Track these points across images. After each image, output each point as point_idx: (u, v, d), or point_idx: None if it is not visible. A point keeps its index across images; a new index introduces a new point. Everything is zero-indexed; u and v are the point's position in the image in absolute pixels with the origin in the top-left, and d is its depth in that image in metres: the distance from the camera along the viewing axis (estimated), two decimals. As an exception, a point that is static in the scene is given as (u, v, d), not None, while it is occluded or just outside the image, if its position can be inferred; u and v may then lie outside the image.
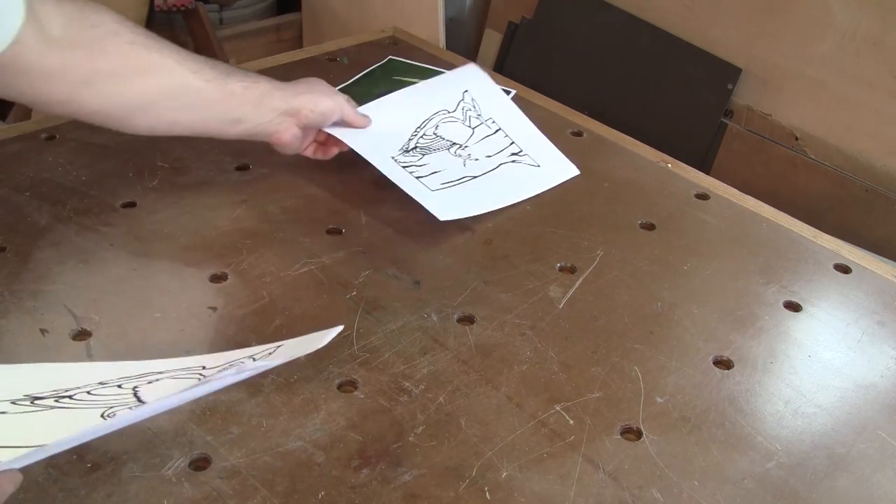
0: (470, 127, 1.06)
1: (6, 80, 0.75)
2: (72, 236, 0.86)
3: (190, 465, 0.64)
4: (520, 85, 1.24)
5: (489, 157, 1.03)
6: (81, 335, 0.75)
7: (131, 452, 0.65)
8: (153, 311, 0.78)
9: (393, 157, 0.98)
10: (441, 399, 0.71)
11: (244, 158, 1.01)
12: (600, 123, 1.16)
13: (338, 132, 0.97)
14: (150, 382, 0.66)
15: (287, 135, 0.90)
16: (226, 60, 1.97)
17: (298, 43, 2.22)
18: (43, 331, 0.75)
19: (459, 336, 0.78)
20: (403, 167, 0.97)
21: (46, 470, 0.63)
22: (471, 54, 1.96)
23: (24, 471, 0.62)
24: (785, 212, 1.00)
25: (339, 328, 0.66)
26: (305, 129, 0.93)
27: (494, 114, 1.09)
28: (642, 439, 0.69)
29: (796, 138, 1.48)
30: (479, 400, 0.72)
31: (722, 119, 1.56)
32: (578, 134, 1.13)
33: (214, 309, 0.79)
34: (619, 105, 1.67)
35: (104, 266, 0.83)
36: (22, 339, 0.74)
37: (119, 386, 0.65)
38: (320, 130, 0.96)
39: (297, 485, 0.63)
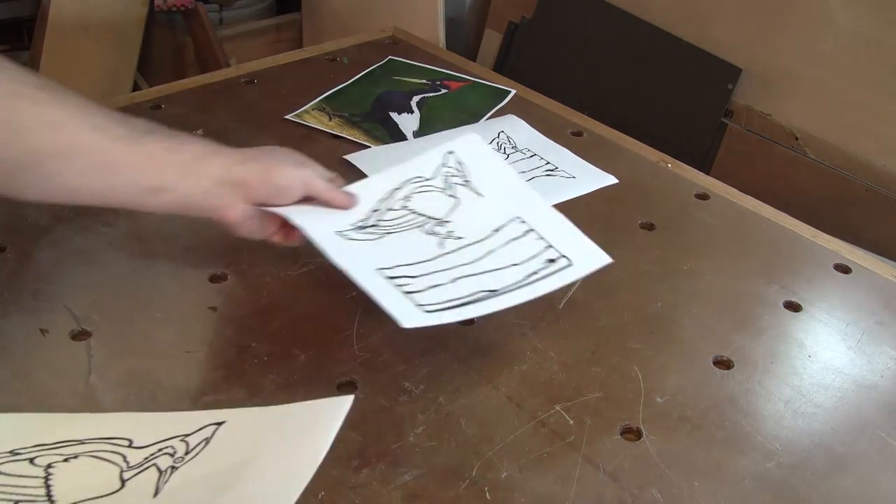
0: (504, 153, 1.01)
1: None
2: (72, 236, 0.86)
3: (190, 465, 0.64)
4: (520, 85, 1.24)
5: (522, 172, 0.95)
6: (81, 335, 0.75)
7: (131, 452, 0.64)
8: (153, 311, 0.78)
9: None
10: (441, 399, 0.71)
11: (244, 158, 1.01)
12: (600, 123, 1.16)
13: (367, 169, 0.89)
14: (66, 460, 0.59)
15: (234, 212, 0.71)
16: (226, 60, 1.97)
17: (298, 43, 2.22)
18: (43, 331, 0.75)
19: (459, 336, 0.78)
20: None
21: (46, 470, 0.63)
22: (471, 54, 1.96)
23: (24, 471, 0.62)
24: (785, 212, 1.00)
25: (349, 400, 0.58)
26: (262, 205, 0.73)
27: (530, 145, 1.05)
28: (642, 439, 0.69)
29: (796, 138, 1.47)
30: (479, 400, 0.72)
31: (722, 119, 1.56)
32: (578, 134, 1.13)
33: (214, 309, 0.79)
34: (619, 105, 1.66)
35: (104, 266, 0.83)
36: (22, 339, 0.74)
37: (31, 461, 0.59)
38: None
39: (297, 485, 0.63)
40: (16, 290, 0.79)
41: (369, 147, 1.06)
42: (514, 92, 1.21)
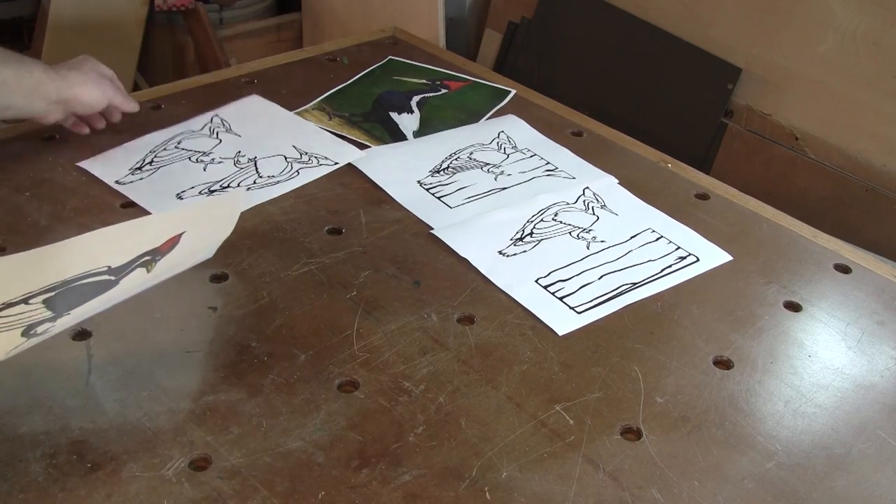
0: (504, 153, 1.07)
1: None
2: (71, 236, 0.86)
3: (190, 465, 0.64)
4: (520, 85, 1.24)
5: (522, 172, 1.03)
6: (81, 335, 0.75)
7: (131, 452, 0.65)
8: (153, 311, 0.78)
9: (419, 181, 0.99)
10: (441, 399, 0.71)
11: (244, 158, 1.01)
12: (600, 123, 1.16)
13: (366, 169, 1.00)
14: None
15: (51, 119, 0.96)
16: (226, 60, 1.97)
17: (298, 43, 2.22)
18: (43, 331, 0.75)
19: (459, 336, 0.78)
20: (427, 189, 0.98)
21: (46, 470, 0.63)
22: (471, 54, 1.96)
23: (24, 470, 0.62)
24: (785, 212, 1.00)
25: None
26: (75, 113, 0.99)
27: (530, 145, 1.09)
28: (642, 439, 0.69)
29: (796, 138, 1.48)
30: (479, 400, 0.72)
31: (722, 119, 1.56)
32: (578, 134, 1.13)
33: (214, 309, 0.79)
34: (619, 105, 1.66)
35: (104, 266, 0.83)
36: (22, 339, 0.74)
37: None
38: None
39: (297, 485, 0.63)
40: (16, 290, 0.79)
41: (369, 147, 1.06)
42: (514, 92, 1.21)
